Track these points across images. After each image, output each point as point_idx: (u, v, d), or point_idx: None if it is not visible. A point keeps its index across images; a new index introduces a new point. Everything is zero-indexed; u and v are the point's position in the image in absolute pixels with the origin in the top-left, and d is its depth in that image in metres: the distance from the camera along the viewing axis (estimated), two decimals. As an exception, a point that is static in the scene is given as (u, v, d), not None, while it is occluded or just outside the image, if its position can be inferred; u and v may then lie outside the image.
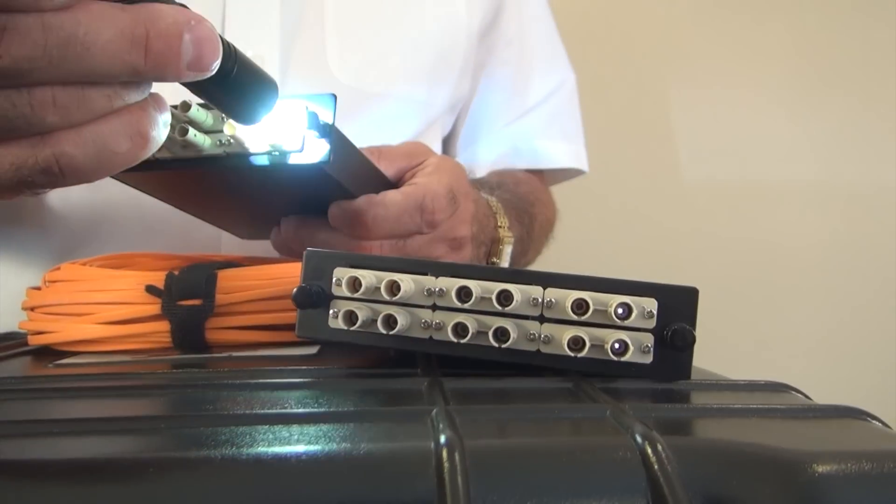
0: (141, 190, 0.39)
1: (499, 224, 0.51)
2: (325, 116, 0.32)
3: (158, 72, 0.21)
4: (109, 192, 0.54)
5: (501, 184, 0.60)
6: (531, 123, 0.70)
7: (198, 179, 0.36)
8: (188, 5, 0.22)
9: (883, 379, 1.01)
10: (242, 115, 0.26)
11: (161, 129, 0.23)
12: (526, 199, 0.62)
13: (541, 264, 0.68)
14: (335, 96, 0.32)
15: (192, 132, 0.31)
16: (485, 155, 0.70)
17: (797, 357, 1.03)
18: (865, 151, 1.04)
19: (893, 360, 1.02)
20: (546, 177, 0.73)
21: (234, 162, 0.32)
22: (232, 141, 0.32)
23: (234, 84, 0.24)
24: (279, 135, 0.31)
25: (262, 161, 0.32)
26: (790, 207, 1.04)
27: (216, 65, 0.22)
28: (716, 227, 1.03)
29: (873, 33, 1.03)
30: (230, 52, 0.24)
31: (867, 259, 1.03)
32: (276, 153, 0.32)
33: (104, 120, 0.22)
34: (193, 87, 0.24)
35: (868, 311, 1.03)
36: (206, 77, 0.23)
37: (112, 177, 0.35)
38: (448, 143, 0.72)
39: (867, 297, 1.03)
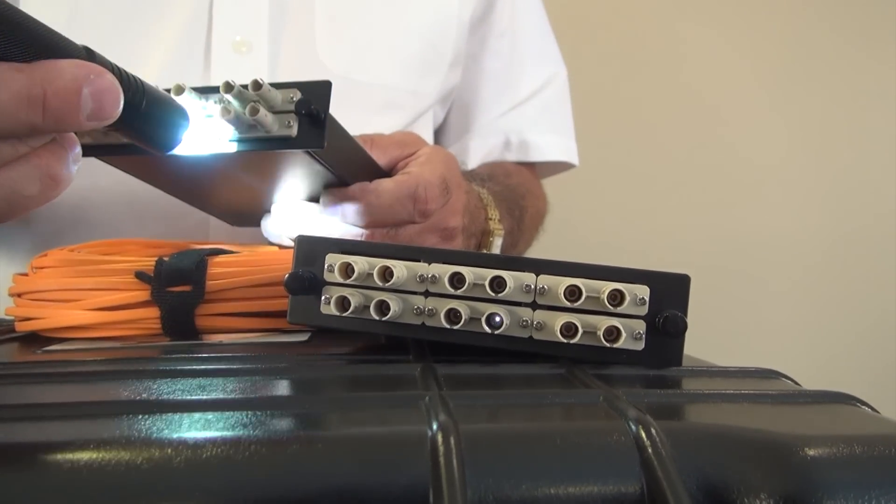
0: (133, 174, 0.38)
1: (489, 216, 0.50)
2: (320, 103, 0.31)
3: (57, 126, 0.22)
4: (97, 178, 0.53)
5: (492, 175, 0.60)
6: (522, 116, 0.70)
7: (191, 164, 0.35)
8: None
9: (871, 364, 1.03)
10: (158, 145, 0.26)
11: (71, 165, 0.24)
12: (516, 191, 0.62)
13: (532, 254, 0.68)
14: (330, 83, 0.32)
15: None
16: (476, 147, 0.70)
17: (786, 344, 1.04)
18: (855, 143, 1.05)
19: (880, 345, 1.03)
20: (537, 169, 0.73)
21: (227, 147, 0.32)
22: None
23: (146, 117, 0.25)
24: (274, 121, 0.31)
25: (256, 146, 0.32)
26: (780, 197, 1.05)
27: (118, 112, 0.23)
28: (707, 217, 1.04)
29: (864, 27, 1.03)
30: (138, 87, 0.24)
31: (855, 248, 1.04)
32: (271, 139, 0.31)
33: (11, 167, 0.22)
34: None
35: (855, 299, 1.05)
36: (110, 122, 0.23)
37: (103, 160, 0.35)
38: (439, 134, 0.72)
39: (855, 285, 1.05)
